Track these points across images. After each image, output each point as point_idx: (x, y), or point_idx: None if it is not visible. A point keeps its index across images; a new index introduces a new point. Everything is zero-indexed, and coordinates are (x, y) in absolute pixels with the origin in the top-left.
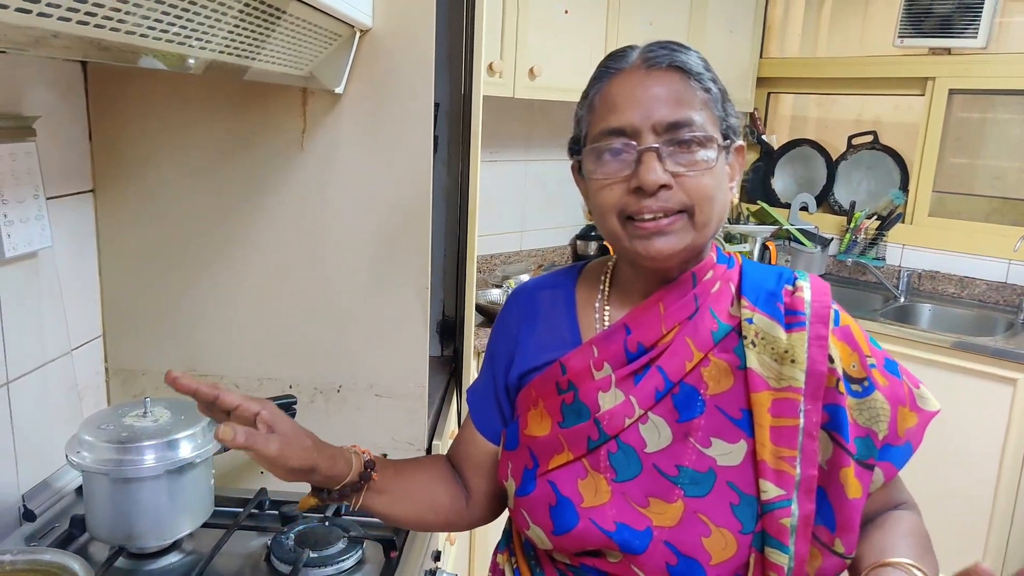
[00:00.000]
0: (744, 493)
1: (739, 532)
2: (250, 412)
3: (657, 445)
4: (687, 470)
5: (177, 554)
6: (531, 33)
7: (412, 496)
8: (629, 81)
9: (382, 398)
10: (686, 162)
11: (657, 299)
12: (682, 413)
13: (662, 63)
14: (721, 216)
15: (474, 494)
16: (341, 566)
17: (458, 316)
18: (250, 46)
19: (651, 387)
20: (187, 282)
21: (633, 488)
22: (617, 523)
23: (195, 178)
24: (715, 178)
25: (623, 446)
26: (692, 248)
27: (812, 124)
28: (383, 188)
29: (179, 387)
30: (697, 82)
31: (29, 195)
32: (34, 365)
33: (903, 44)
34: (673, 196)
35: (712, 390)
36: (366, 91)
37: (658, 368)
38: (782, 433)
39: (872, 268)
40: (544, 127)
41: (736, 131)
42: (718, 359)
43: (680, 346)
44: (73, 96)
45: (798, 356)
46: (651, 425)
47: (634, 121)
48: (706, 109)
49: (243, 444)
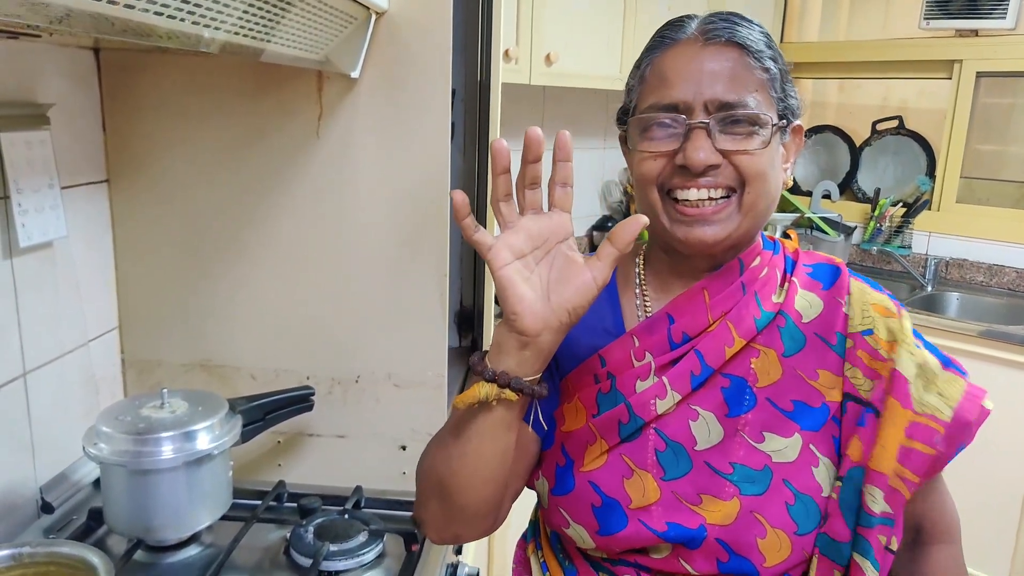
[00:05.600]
0: (800, 492)
1: (794, 533)
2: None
3: (708, 442)
4: (741, 467)
5: (196, 547)
6: (548, 18)
7: (508, 460)
8: (685, 54)
9: (400, 388)
10: (737, 140)
11: (702, 287)
12: (732, 408)
13: (721, 37)
14: (771, 199)
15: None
16: (362, 559)
17: (476, 306)
18: (264, 27)
19: (686, 370)
20: (203, 272)
21: (684, 486)
22: (668, 523)
23: (210, 167)
24: (767, 159)
25: (671, 444)
26: (737, 236)
27: (833, 110)
28: (400, 175)
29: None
30: (756, 60)
31: (44, 184)
32: (51, 356)
33: (929, 26)
34: (721, 173)
35: (762, 383)
36: (382, 76)
37: (696, 352)
38: (911, 456)
39: (898, 257)
40: (557, 115)
41: (795, 111)
42: (767, 348)
43: (722, 330)
44: (86, 85)
45: (946, 392)
46: (701, 422)
47: (687, 97)
48: (763, 90)
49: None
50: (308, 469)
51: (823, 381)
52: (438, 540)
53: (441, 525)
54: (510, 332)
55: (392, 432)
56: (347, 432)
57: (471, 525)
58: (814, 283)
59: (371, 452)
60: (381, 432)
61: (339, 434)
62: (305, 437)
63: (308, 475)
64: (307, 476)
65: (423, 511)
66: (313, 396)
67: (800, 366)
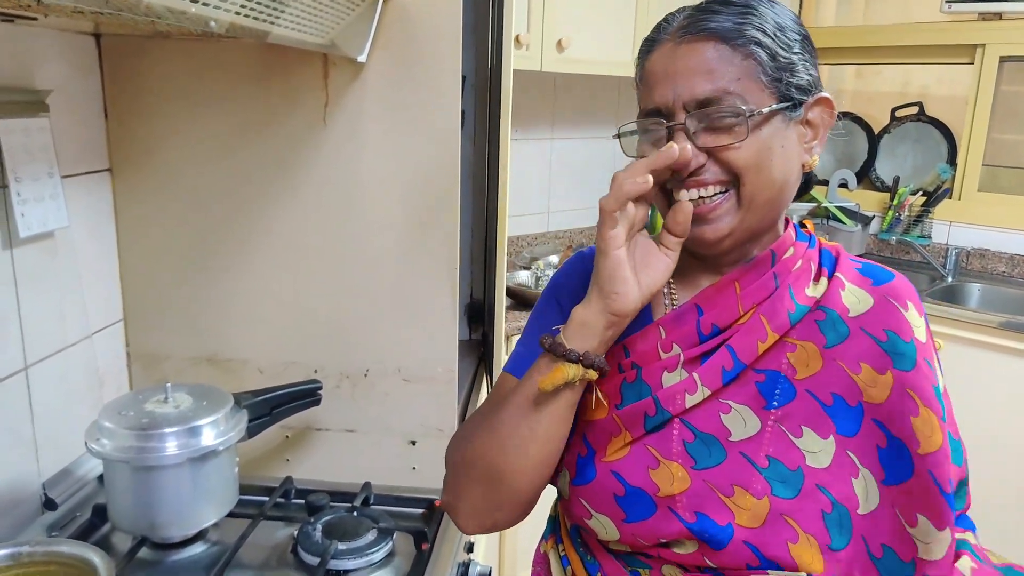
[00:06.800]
0: (837, 502)
1: (827, 547)
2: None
3: (744, 433)
4: (775, 462)
5: (201, 544)
6: (559, 3)
7: (566, 440)
8: (663, 56)
9: (410, 383)
10: (719, 136)
11: (733, 278)
12: (769, 400)
13: (695, 31)
14: (777, 189)
15: None
16: (371, 558)
17: (487, 299)
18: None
19: (718, 366)
20: (209, 263)
21: (717, 476)
22: (697, 513)
23: (215, 156)
24: (758, 148)
25: (702, 435)
26: (741, 231)
27: (849, 96)
28: (409, 164)
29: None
30: (736, 49)
31: (44, 173)
32: (54, 349)
33: (951, 9)
34: (708, 171)
35: (801, 374)
36: (390, 61)
37: (727, 347)
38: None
39: (917, 246)
40: (568, 103)
41: (806, 88)
42: (804, 342)
43: (755, 324)
44: (87, 71)
45: None
46: (735, 414)
47: (666, 100)
48: (747, 78)
49: None
50: (316, 464)
51: (864, 376)
52: (475, 529)
53: (483, 512)
54: (603, 312)
55: (402, 427)
56: (356, 427)
57: (516, 511)
58: (864, 279)
59: (380, 447)
60: (390, 427)
61: (348, 428)
62: (313, 432)
63: (316, 470)
64: (315, 471)
65: (460, 500)
66: (320, 391)
67: (842, 357)
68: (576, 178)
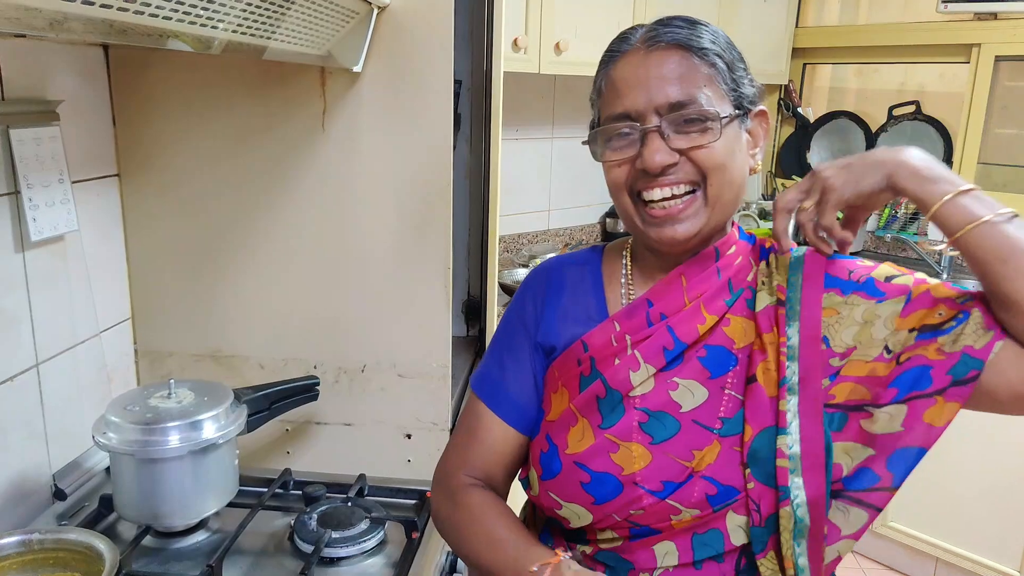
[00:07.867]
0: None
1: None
2: None
3: (693, 403)
4: (727, 420)
5: (203, 533)
6: (557, 6)
7: None
8: (631, 64)
9: (405, 378)
10: (691, 137)
11: (679, 273)
12: (713, 371)
13: (662, 42)
14: (738, 187)
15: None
16: (363, 546)
17: (483, 296)
18: (266, 24)
19: (658, 345)
20: (212, 264)
21: (675, 446)
22: (664, 482)
23: (218, 161)
24: (726, 149)
25: (654, 414)
26: (708, 229)
27: (851, 95)
28: (404, 167)
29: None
30: (701, 58)
31: (54, 179)
32: (64, 347)
33: (947, 9)
34: (680, 169)
35: (740, 343)
36: (385, 69)
37: (667, 327)
38: None
39: (912, 244)
40: (568, 103)
41: (752, 98)
42: (737, 317)
43: (695, 310)
44: (96, 81)
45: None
46: (683, 389)
47: (638, 104)
48: (711, 84)
49: None
50: (316, 456)
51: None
52: None
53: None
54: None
55: (397, 421)
56: (353, 420)
57: None
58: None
59: (376, 440)
60: (386, 420)
61: (346, 422)
62: (313, 425)
63: (316, 462)
64: (315, 463)
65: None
66: (318, 386)
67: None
68: (576, 176)
